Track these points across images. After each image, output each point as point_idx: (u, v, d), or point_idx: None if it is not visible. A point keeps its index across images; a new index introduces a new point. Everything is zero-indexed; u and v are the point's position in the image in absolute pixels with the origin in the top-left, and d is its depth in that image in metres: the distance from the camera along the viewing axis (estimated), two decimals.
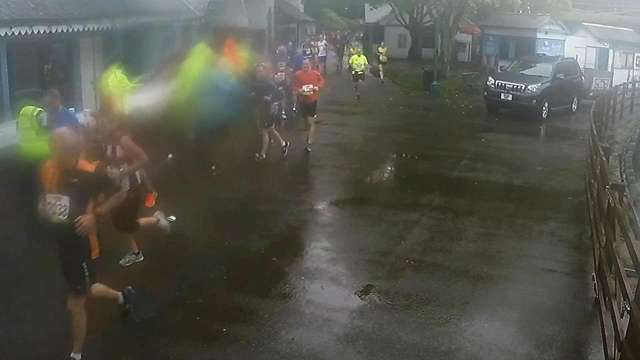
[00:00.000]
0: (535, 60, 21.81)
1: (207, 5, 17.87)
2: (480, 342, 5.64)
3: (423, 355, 5.39)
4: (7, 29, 10.09)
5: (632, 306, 4.36)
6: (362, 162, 13.05)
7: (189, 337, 5.53)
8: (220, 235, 7.99)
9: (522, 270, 7.44)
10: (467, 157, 13.42)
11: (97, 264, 4.97)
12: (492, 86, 19.82)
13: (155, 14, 14.98)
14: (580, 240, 8.44)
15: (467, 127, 17.94)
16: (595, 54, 28.87)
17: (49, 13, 11.27)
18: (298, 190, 10.48)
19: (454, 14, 29.80)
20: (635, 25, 31.43)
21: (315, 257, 7.60)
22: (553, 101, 19.36)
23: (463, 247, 7.99)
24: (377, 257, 7.54)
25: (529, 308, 6.33)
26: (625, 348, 4.44)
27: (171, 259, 7.21)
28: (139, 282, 6.56)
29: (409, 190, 10.83)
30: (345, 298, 6.44)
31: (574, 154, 14.20)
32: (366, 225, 8.76)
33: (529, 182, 11.63)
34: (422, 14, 39.06)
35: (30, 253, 7.06)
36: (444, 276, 7.03)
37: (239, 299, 6.30)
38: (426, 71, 25.47)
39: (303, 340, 5.56)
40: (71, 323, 4.92)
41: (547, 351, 5.54)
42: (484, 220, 9.12)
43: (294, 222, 8.84)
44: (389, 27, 42.35)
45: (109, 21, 12.76)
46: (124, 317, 5.51)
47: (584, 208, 9.78)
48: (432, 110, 21.63)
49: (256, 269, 7.13)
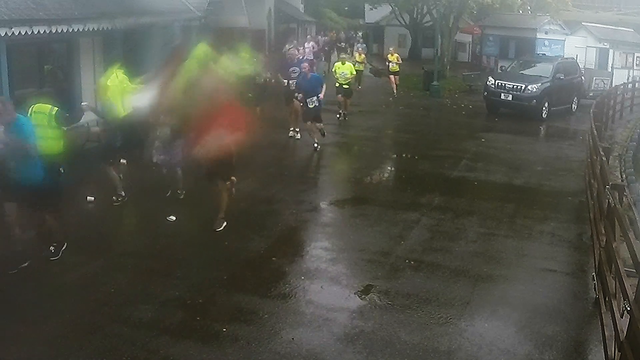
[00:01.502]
0: (535, 60, 21.80)
1: (207, 5, 17.84)
2: (480, 342, 5.64)
3: (423, 355, 5.40)
4: (7, 29, 10.08)
5: (632, 306, 4.36)
6: (362, 162, 13.06)
7: (189, 337, 5.53)
8: (220, 235, 7.99)
9: (522, 270, 7.44)
10: (467, 157, 13.42)
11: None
12: (492, 86, 19.82)
13: (155, 14, 14.97)
14: (580, 240, 8.44)
15: (467, 127, 17.95)
16: (595, 54, 28.88)
17: (49, 13, 11.26)
18: (298, 190, 10.47)
19: (454, 14, 29.80)
20: (635, 25, 31.45)
21: (315, 257, 7.60)
22: (553, 101, 19.36)
23: (463, 247, 7.99)
24: (377, 257, 7.54)
25: (529, 308, 6.33)
26: (625, 348, 4.44)
27: (171, 259, 7.22)
28: (139, 282, 6.59)
29: (409, 190, 10.83)
30: (345, 298, 6.44)
31: (574, 154, 14.21)
32: (366, 225, 8.76)
33: (529, 182, 11.64)
34: (422, 14, 39.06)
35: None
36: (444, 276, 7.03)
37: (239, 299, 6.30)
38: (426, 71, 25.46)
39: (303, 340, 5.56)
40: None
41: (547, 351, 5.54)
42: (484, 220, 9.12)
43: (294, 222, 8.84)
44: (389, 27, 42.36)
45: (109, 21, 12.74)
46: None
47: (584, 208, 9.78)
48: (432, 110, 21.62)
49: (256, 269, 7.13)
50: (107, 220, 8.69)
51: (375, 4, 39.48)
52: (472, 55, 39.05)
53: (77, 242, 7.85)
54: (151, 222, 8.53)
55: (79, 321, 5.71)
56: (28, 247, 6.97)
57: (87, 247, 7.83)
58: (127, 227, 8.76)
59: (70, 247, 7.25)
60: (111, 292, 6.32)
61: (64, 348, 5.26)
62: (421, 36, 40.96)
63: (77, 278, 6.61)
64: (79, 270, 6.80)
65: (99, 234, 7.95)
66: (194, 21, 17.20)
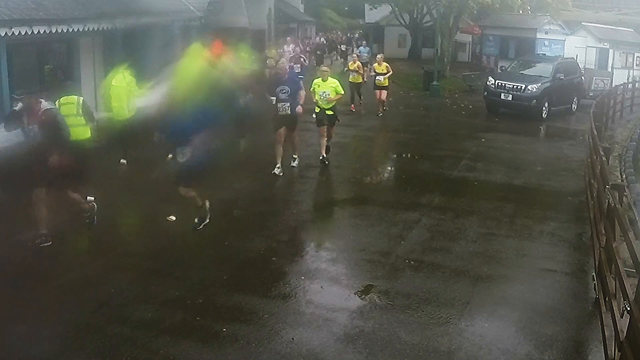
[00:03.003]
0: (535, 60, 21.80)
1: (207, 5, 17.87)
2: (480, 342, 5.64)
3: (423, 355, 5.39)
4: (7, 29, 10.11)
5: (632, 306, 4.36)
6: (362, 162, 13.06)
7: (189, 337, 5.53)
8: (220, 235, 7.99)
9: (522, 270, 7.44)
10: (467, 157, 13.42)
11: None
12: (492, 86, 19.82)
13: (155, 14, 14.99)
14: (580, 240, 8.44)
15: (467, 127, 17.94)
16: (595, 54, 28.85)
17: (49, 13, 11.28)
18: (298, 190, 10.47)
19: (454, 14, 29.80)
20: (635, 25, 31.44)
21: (315, 257, 7.60)
22: (553, 101, 19.36)
23: (463, 247, 7.99)
24: (377, 257, 7.54)
25: (529, 308, 6.33)
26: (625, 348, 4.44)
27: (171, 259, 7.21)
28: (139, 282, 6.59)
29: (409, 190, 10.83)
30: (345, 298, 6.43)
31: (574, 154, 14.20)
32: (366, 225, 8.76)
33: (529, 182, 11.63)
34: (422, 14, 39.07)
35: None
36: (444, 276, 7.03)
37: (239, 299, 6.30)
38: (426, 71, 25.46)
39: (303, 340, 5.56)
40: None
41: (547, 351, 5.54)
42: (484, 220, 9.12)
43: (294, 222, 8.83)
44: (389, 27, 42.38)
45: (109, 21, 12.77)
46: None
47: (584, 208, 9.78)
48: (432, 110, 21.62)
49: (256, 269, 7.13)
50: (107, 220, 8.69)
51: (375, 4, 39.51)
52: (472, 55, 39.05)
53: (78, 242, 7.88)
54: (151, 222, 8.53)
55: (79, 321, 5.71)
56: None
57: (87, 247, 7.86)
58: (127, 227, 8.76)
59: (70, 247, 7.25)
60: (111, 292, 6.32)
61: (64, 348, 5.26)
62: (421, 36, 40.99)
63: (77, 278, 6.61)
64: (79, 270, 6.81)
65: (99, 234, 7.95)
66: (194, 21, 17.23)
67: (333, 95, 11.65)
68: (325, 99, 11.62)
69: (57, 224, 7.56)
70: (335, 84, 11.76)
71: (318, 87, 11.76)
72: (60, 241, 7.51)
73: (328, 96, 11.62)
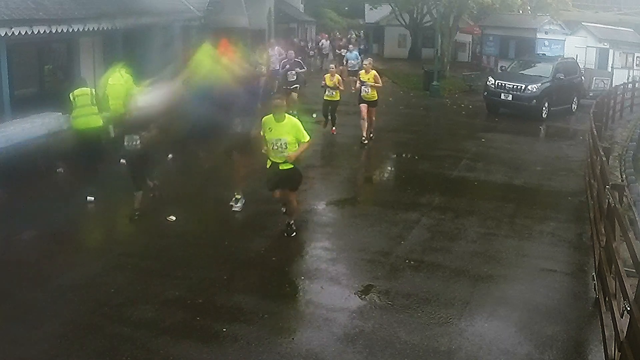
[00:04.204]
0: (535, 60, 21.79)
1: (207, 5, 17.85)
2: (480, 342, 5.64)
3: (423, 355, 5.40)
4: (7, 29, 10.10)
5: (632, 306, 4.36)
6: (362, 162, 13.06)
7: (189, 337, 5.53)
8: (220, 235, 8.00)
9: (522, 270, 7.44)
10: (467, 157, 13.41)
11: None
12: (492, 86, 19.82)
13: (155, 14, 14.98)
14: (580, 240, 8.44)
15: (467, 127, 17.94)
16: (595, 54, 28.84)
17: (49, 13, 11.27)
18: (298, 190, 10.45)
19: (454, 14, 29.77)
20: (635, 25, 31.43)
21: (315, 257, 7.60)
22: (553, 101, 19.36)
23: (463, 247, 7.99)
24: (377, 257, 7.54)
25: (529, 308, 6.33)
26: (625, 348, 4.44)
27: (171, 259, 7.22)
28: (139, 282, 6.59)
29: (409, 190, 10.82)
30: (345, 298, 6.44)
31: (574, 154, 14.20)
32: (366, 225, 8.76)
33: (529, 182, 11.63)
34: (422, 14, 39.02)
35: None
36: (444, 276, 7.03)
37: (239, 299, 6.30)
38: (426, 71, 25.44)
39: (303, 340, 5.56)
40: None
41: (547, 351, 5.54)
42: (484, 220, 9.12)
43: (294, 222, 8.82)
44: (389, 27, 42.31)
45: (109, 21, 12.76)
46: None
47: (584, 208, 9.78)
48: (432, 110, 21.61)
49: (256, 269, 7.13)
50: (107, 220, 8.70)
51: (375, 4, 39.44)
52: (472, 55, 39.03)
53: (77, 242, 7.87)
54: (151, 222, 8.52)
55: (79, 321, 5.72)
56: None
57: (87, 247, 7.85)
58: (127, 227, 8.75)
59: (70, 247, 7.25)
60: (111, 292, 6.32)
61: (64, 348, 5.27)
62: (421, 36, 40.92)
63: (77, 278, 6.61)
64: (79, 270, 6.81)
65: (98, 234, 7.95)
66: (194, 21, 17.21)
67: (292, 147, 7.63)
68: (280, 150, 7.66)
69: (57, 223, 7.57)
70: (296, 127, 7.63)
71: (270, 131, 7.68)
72: (60, 241, 7.51)
73: (284, 147, 7.61)
